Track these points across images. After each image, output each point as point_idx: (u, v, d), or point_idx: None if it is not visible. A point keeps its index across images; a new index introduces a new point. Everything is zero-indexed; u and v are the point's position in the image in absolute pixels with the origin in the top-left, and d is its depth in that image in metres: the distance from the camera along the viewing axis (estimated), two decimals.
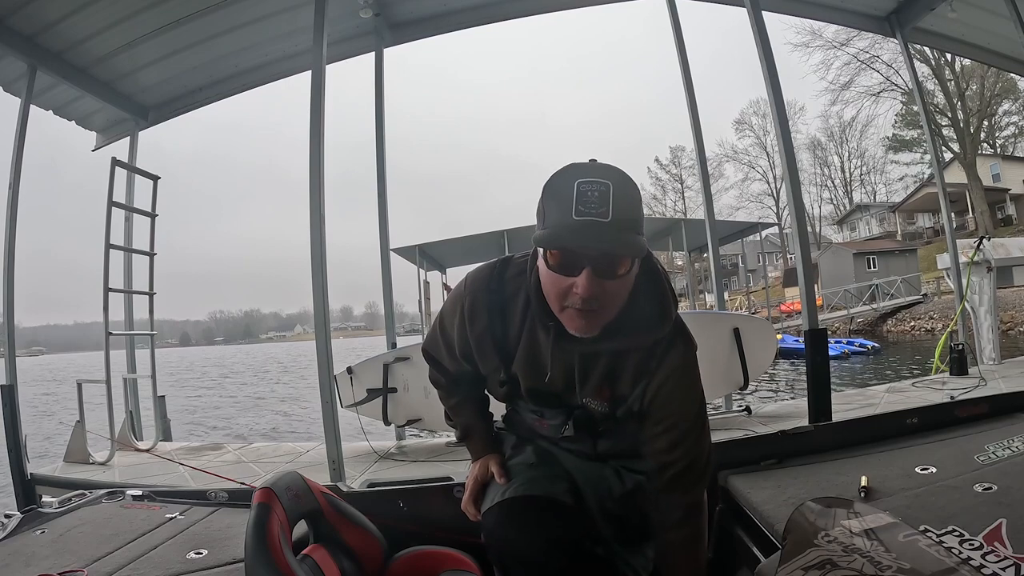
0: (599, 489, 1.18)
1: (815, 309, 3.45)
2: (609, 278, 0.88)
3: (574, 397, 1.09)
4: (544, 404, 1.13)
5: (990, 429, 1.63)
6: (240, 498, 1.75)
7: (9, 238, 4.11)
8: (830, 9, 5.16)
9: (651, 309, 1.00)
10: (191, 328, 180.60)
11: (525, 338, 1.06)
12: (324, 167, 3.32)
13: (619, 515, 1.18)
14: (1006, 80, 25.89)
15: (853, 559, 0.97)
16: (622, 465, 1.19)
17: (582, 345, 0.99)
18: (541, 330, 1.02)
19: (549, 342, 1.01)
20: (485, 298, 1.07)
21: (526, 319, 1.04)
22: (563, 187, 0.86)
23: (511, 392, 1.15)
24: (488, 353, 1.10)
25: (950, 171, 24.20)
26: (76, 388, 4.63)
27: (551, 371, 1.05)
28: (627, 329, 0.98)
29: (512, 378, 1.12)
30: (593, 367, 1.04)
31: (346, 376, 4.30)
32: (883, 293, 22.08)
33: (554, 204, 0.87)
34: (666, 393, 1.03)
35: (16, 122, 4.23)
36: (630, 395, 1.06)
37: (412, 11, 4.50)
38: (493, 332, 1.08)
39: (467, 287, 1.10)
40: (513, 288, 1.06)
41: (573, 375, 1.05)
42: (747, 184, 40.44)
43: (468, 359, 1.16)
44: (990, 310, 6.10)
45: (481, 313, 1.07)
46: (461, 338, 1.12)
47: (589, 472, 1.19)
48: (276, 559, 1.14)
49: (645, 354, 1.02)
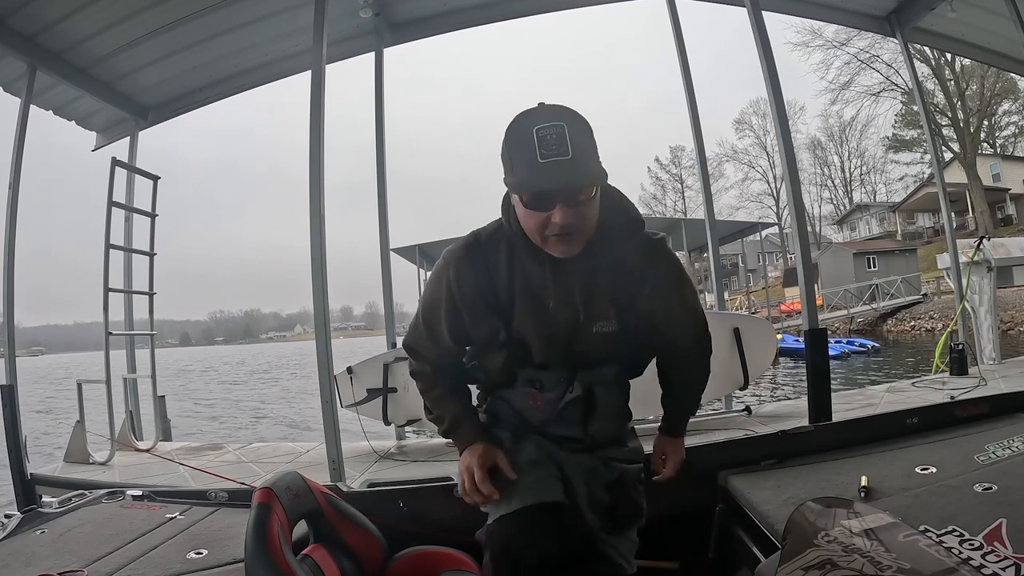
0: (590, 481, 1.19)
1: (815, 309, 3.44)
2: (579, 205, 0.99)
3: (580, 332, 1.10)
4: (547, 362, 1.13)
5: (990, 429, 1.63)
6: (240, 498, 1.75)
7: (9, 238, 4.11)
8: (830, 9, 5.16)
9: (623, 217, 1.11)
10: (191, 328, 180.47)
11: (520, 281, 1.10)
12: (324, 167, 3.31)
13: (608, 505, 1.19)
14: (1006, 80, 25.88)
15: (853, 559, 0.97)
16: (609, 456, 1.21)
17: (576, 265, 1.06)
18: (535, 265, 1.08)
19: (546, 271, 1.08)
20: (468, 262, 1.11)
21: (514, 265, 1.10)
22: (523, 135, 0.96)
23: (511, 357, 1.13)
24: (482, 315, 1.11)
25: (950, 171, 24.18)
26: (76, 388, 4.64)
27: (554, 300, 1.08)
28: (608, 239, 1.08)
29: (513, 337, 1.11)
30: (593, 283, 1.09)
31: (346, 376, 4.30)
32: (883, 293, 22.08)
33: (518, 152, 0.97)
34: (667, 280, 1.13)
35: (16, 122, 4.23)
36: (636, 298, 1.11)
37: (412, 11, 4.49)
38: (484, 291, 1.11)
39: (447, 260, 1.13)
40: (493, 245, 1.12)
41: (575, 299, 1.09)
42: (747, 184, 40.42)
43: (459, 338, 1.16)
44: (990, 310, 6.10)
45: (468, 276, 1.10)
46: (450, 313, 1.13)
47: (580, 464, 1.19)
48: (276, 559, 1.14)
49: (634, 254, 1.11)
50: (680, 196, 41.79)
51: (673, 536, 1.64)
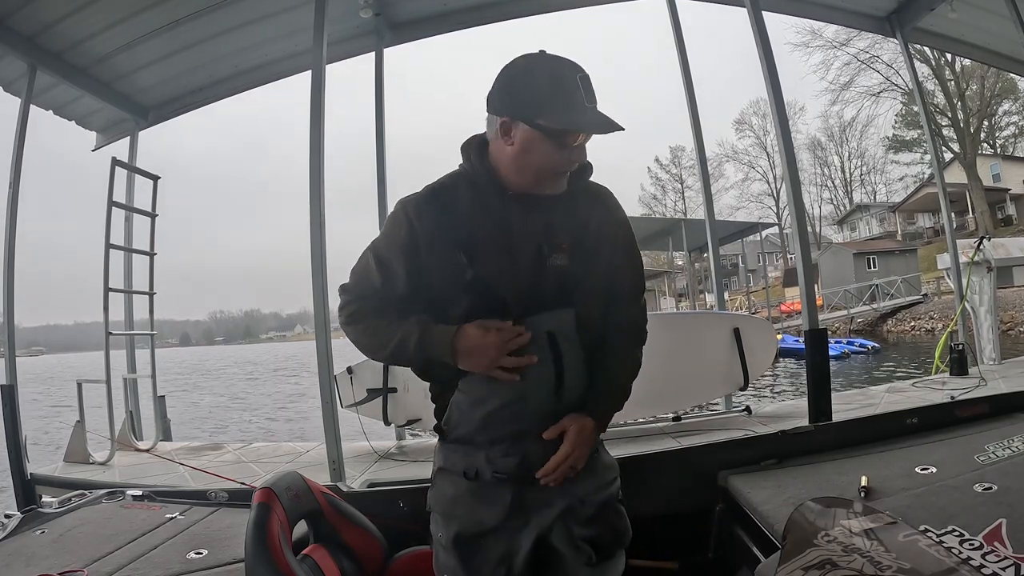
0: (568, 521, 1.12)
1: (815, 309, 3.44)
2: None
3: (540, 266, 1.09)
4: (510, 302, 1.07)
5: (990, 429, 1.63)
6: (240, 498, 1.75)
7: (9, 238, 4.11)
8: (830, 9, 5.15)
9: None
10: (191, 328, 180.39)
11: (483, 216, 1.10)
12: (324, 167, 3.31)
13: (590, 537, 1.13)
14: (1006, 80, 25.89)
15: (853, 559, 0.97)
16: (583, 496, 1.14)
17: (536, 201, 1.11)
18: (499, 202, 1.11)
19: (508, 205, 1.11)
20: (428, 202, 1.11)
21: (475, 203, 1.11)
22: (565, 78, 1.05)
23: (476, 300, 1.06)
24: (446, 249, 1.07)
25: (950, 171, 24.18)
26: (76, 388, 4.63)
27: (518, 232, 1.10)
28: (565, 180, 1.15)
29: (477, 276, 1.05)
30: (551, 218, 1.12)
31: (346, 376, 4.30)
32: (883, 293, 22.09)
33: (560, 93, 1.04)
34: (611, 226, 1.18)
35: (16, 122, 4.23)
36: (584, 237, 1.13)
37: (412, 11, 4.49)
38: (446, 226, 1.08)
39: (405, 202, 1.12)
40: (451, 189, 1.12)
41: (537, 231, 1.10)
42: (747, 184, 40.48)
43: (416, 280, 1.09)
44: (990, 310, 6.09)
45: (430, 214, 1.09)
46: (409, 250, 1.08)
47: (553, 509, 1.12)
48: (276, 559, 1.14)
49: (584, 193, 1.17)
50: (680, 196, 41.83)
51: (673, 536, 1.64)
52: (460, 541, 1.10)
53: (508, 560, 1.09)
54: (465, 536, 1.10)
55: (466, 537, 1.10)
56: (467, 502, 1.11)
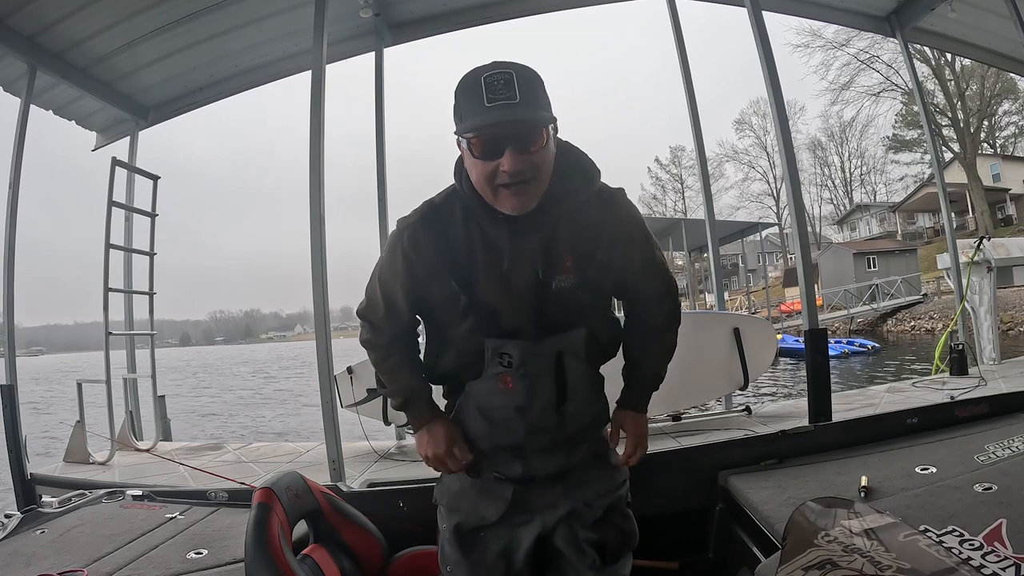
0: (572, 524, 1.12)
1: (815, 309, 3.44)
2: (528, 152, 0.97)
3: (540, 290, 1.05)
4: (511, 325, 1.06)
5: (990, 429, 1.63)
6: (240, 498, 1.75)
7: (9, 238, 4.11)
8: (830, 9, 5.16)
9: (578, 171, 1.09)
10: (191, 328, 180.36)
11: (477, 242, 1.07)
12: (324, 167, 3.32)
13: (595, 541, 1.13)
14: (1006, 80, 25.86)
15: (853, 559, 0.97)
16: (588, 500, 1.14)
17: (531, 222, 1.03)
18: (491, 225, 1.05)
19: (504, 232, 1.05)
20: (423, 227, 1.08)
21: (470, 227, 1.07)
22: (472, 83, 0.96)
23: (476, 323, 1.07)
24: (442, 277, 1.07)
25: (950, 171, 24.16)
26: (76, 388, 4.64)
27: (510, 258, 1.05)
28: (564, 194, 1.05)
29: (476, 300, 1.06)
30: (550, 239, 1.06)
31: (346, 376, 4.29)
32: (883, 293, 22.06)
33: (466, 101, 0.97)
34: (625, 230, 1.11)
35: (16, 122, 4.23)
36: (595, 250, 1.08)
37: (412, 11, 4.49)
38: (442, 254, 1.07)
39: (401, 227, 1.11)
40: (447, 209, 1.09)
41: (533, 256, 1.05)
42: (747, 184, 40.43)
43: (417, 306, 1.13)
44: (990, 310, 6.10)
45: (425, 240, 1.07)
46: (408, 279, 1.09)
47: (557, 511, 1.13)
48: (276, 559, 1.14)
49: (590, 207, 1.08)
50: (680, 196, 41.79)
51: (673, 536, 1.64)
52: (460, 533, 1.13)
53: (508, 555, 1.11)
54: (465, 529, 1.13)
55: (466, 530, 1.13)
56: (470, 496, 1.15)
